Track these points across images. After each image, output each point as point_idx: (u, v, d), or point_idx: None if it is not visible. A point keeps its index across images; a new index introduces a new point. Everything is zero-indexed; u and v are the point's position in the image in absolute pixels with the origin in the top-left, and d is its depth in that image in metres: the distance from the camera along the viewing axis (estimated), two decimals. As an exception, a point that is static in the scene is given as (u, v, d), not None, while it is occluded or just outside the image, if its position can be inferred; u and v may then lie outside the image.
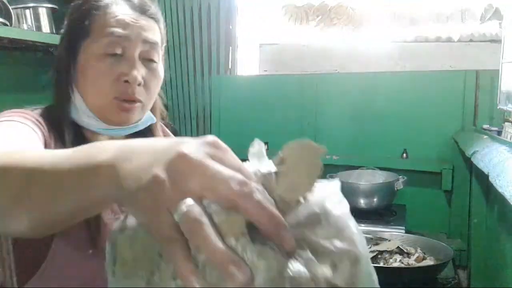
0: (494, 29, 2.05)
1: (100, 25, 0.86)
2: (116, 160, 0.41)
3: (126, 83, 0.86)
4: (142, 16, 0.89)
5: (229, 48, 2.41)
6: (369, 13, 2.23)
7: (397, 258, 1.42)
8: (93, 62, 0.86)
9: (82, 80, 0.87)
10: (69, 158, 0.47)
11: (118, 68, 0.86)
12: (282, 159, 0.43)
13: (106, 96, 0.87)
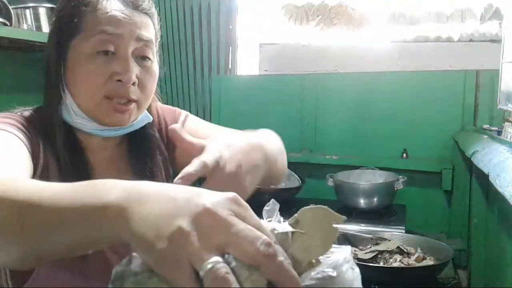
0: (494, 29, 2.05)
1: (90, 22, 0.82)
2: (126, 202, 0.41)
3: (119, 83, 0.82)
4: (135, 12, 0.85)
5: (229, 48, 2.41)
6: (369, 13, 2.23)
7: (397, 258, 1.42)
8: (84, 61, 0.82)
9: (72, 79, 0.84)
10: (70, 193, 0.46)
11: (111, 67, 0.82)
12: (298, 221, 0.47)
13: (96, 95, 0.83)
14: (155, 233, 0.38)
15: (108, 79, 0.82)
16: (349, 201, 1.89)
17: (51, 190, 0.48)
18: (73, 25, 0.82)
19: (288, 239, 0.43)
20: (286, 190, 2.04)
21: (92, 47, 0.81)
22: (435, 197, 2.02)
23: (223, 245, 0.38)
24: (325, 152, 2.16)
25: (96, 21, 0.81)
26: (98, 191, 0.44)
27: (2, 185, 0.53)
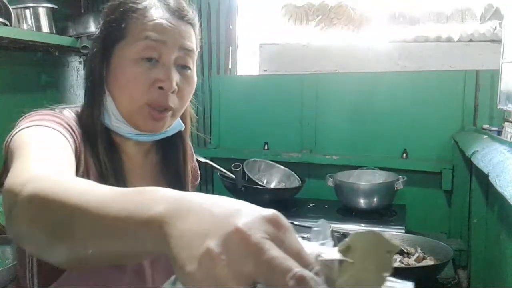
0: (494, 29, 2.05)
1: (136, 28, 0.84)
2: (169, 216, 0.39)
3: (160, 90, 0.84)
4: (180, 21, 0.86)
5: (229, 48, 2.41)
6: (369, 13, 2.23)
7: (397, 258, 1.42)
8: (128, 65, 0.84)
9: (114, 83, 0.85)
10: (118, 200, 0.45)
11: (153, 73, 0.83)
12: (349, 248, 0.40)
13: (138, 102, 0.84)
14: (188, 253, 0.36)
15: (150, 86, 0.84)
16: (349, 201, 1.89)
17: (99, 195, 0.47)
18: (120, 30, 0.84)
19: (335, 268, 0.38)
20: (286, 190, 2.04)
21: (137, 52, 0.83)
22: (435, 197, 2.02)
23: (253, 274, 0.34)
24: (325, 152, 2.16)
25: (142, 27, 0.83)
26: (146, 200, 0.42)
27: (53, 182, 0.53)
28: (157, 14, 0.84)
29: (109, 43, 0.85)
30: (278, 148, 2.23)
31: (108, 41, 0.85)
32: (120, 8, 0.85)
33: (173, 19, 0.85)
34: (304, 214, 1.91)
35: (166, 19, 0.85)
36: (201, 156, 2.00)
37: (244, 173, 1.92)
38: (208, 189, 2.47)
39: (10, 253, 1.47)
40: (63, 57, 2.31)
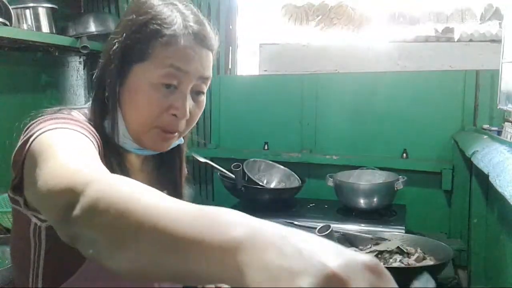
0: (494, 29, 2.05)
1: (161, 53, 0.81)
2: (247, 245, 0.37)
3: (173, 116, 0.84)
4: (203, 49, 0.85)
5: (229, 48, 2.41)
6: (369, 13, 2.23)
7: (397, 258, 1.41)
8: (145, 89, 0.82)
9: (128, 103, 0.84)
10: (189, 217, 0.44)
11: (170, 100, 0.83)
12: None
13: (150, 125, 0.84)
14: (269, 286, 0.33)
15: (164, 111, 0.84)
16: (349, 201, 1.89)
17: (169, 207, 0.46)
18: (143, 51, 0.82)
19: None
20: (286, 190, 2.04)
21: (158, 77, 0.82)
22: (435, 197, 2.02)
23: None
24: (325, 152, 2.16)
25: (168, 54, 0.82)
26: (220, 222, 0.41)
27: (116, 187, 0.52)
28: (183, 41, 0.82)
29: (128, 61, 0.83)
30: (278, 148, 2.23)
31: (128, 59, 0.83)
32: (146, 27, 0.82)
33: (197, 46, 0.84)
34: (304, 214, 1.91)
35: (191, 48, 0.83)
36: (201, 156, 2.00)
37: (244, 173, 1.92)
38: (208, 189, 2.47)
39: (10, 253, 1.47)
40: (63, 57, 2.31)
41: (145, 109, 0.83)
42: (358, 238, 1.57)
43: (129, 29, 0.83)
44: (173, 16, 0.83)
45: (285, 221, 1.82)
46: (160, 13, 0.83)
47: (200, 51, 0.84)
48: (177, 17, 0.83)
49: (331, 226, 1.37)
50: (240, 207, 2.02)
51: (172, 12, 0.83)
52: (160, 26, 0.82)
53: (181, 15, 0.84)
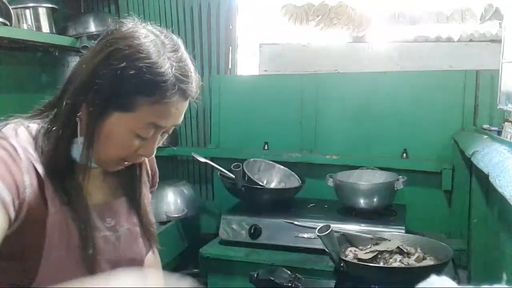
0: (494, 29, 2.05)
1: (146, 110, 0.81)
2: None
3: (140, 156, 0.89)
4: (185, 102, 0.86)
5: (229, 48, 2.40)
6: (369, 13, 2.23)
7: (397, 258, 1.42)
8: (120, 136, 0.84)
9: (100, 140, 0.84)
10: None
11: (141, 145, 0.86)
12: None
13: (116, 158, 0.88)
14: None
15: (133, 152, 0.87)
16: (349, 201, 1.89)
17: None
18: (128, 102, 0.81)
19: None
20: (286, 190, 2.04)
21: (136, 129, 0.83)
22: (435, 197, 2.02)
23: None
24: (325, 152, 2.16)
25: (152, 112, 0.82)
26: None
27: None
28: (172, 104, 0.83)
29: (111, 107, 0.82)
30: (278, 148, 2.23)
31: (110, 105, 0.82)
32: (135, 82, 0.80)
33: (180, 102, 0.84)
34: (304, 214, 1.91)
35: (175, 106, 0.83)
36: (201, 156, 2.00)
37: (244, 173, 1.92)
38: (208, 189, 2.47)
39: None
40: (63, 57, 2.31)
41: (116, 151, 0.86)
42: (358, 238, 1.57)
43: (115, 76, 0.80)
44: (166, 74, 0.80)
45: (285, 221, 1.82)
46: (151, 65, 0.80)
47: (181, 106, 0.85)
48: (168, 73, 0.81)
49: (331, 226, 1.37)
50: (240, 207, 2.02)
51: (164, 64, 0.81)
52: (150, 86, 0.80)
53: (172, 71, 0.82)
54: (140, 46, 0.80)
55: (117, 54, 0.80)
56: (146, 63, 0.79)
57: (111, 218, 0.94)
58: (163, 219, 2.10)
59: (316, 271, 1.66)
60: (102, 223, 0.92)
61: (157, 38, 0.83)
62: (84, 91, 0.83)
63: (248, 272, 1.48)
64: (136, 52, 0.80)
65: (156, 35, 0.84)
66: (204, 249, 1.87)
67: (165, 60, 0.81)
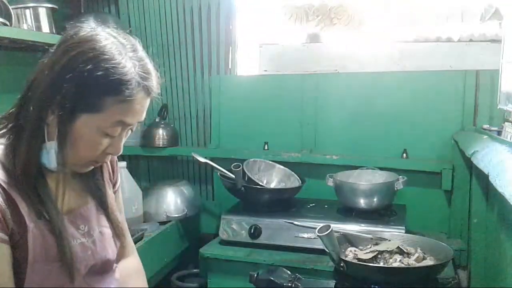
0: (494, 29, 2.05)
1: (114, 110, 0.85)
2: None
3: (108, 154, 0.93)
4: (148, 99, 0.91)
5: (229, 48, 2.40)
6: (369, 13, 2.23)
7: (397, 258, 1.42)
8: (89, 136, 0.87)
9: (69, 142, 0.86)
10: None
11: (109, 143, 0.90)
12: None
13: (85, 160, 0.92)
14: None
15: (101, 152, 0.91)
16: (349, 201, 1.89)
17: None
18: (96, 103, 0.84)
19: None
20: (286, 190, 2.04)
21: (104, 128, 0.87)
22: (435, 197, 2.02)
23: None
24: (325, 152, 2.16)
25: (120, 111, 0.86)
26: None
27: None
28: (137, 101, 0.87)
29: (79, 110, 0.84)
30: (278, 148, 2.23)
31: (78, 107, 0.84)
32: (102, 83, 0.83)
33: (144, 100, 0.89)
34: (304, 214, 1.91)
35: (140, 103, 0.88)
36: (201, 156, 2.00)
37: (244, 173, 1.92)
38: (208, 189, 2.47)
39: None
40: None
41: (86, 152, 0.90)
42: (358, 238, 1.57)
43: (83, 78, 0.82)
44: (129, 72, 0.85)
45: (285, 221, 1.82)
46: (116, 65, 0.83)
47: (145, 103, 0.90)
48: (132, 72, 0.85)
49: (331, 226, 1.37)
50: (240, 207, 2.02)
51: (127, 64, 0.85)
52: (117, 85, 0.84)
53: (135, 69, 0.86)
54: (103, 48, 0.84)
55: (81, 57, 0.83)
56: (111, 64, 0.83)
57: (84, 225, 0.98)
58: (163, 219, 2.10)
59: (316, 271, 1.66)
60: (76, 230, 0.95)
61: (116, 40, 0.88)
62: (51, 96, 0.84)
63: (248, 272, 1.48)
64: (100, 54, 0.83)
65: (114, 37, 0.88)
66: (204, 249, 1.87)
67: (127, 60, 0.86)
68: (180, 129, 2.47)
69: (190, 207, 2.18)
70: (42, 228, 0.87)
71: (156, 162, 2.51)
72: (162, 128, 2.36)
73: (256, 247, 1.84)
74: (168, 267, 2.09)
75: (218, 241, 1.92)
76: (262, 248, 1.83)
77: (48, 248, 0.88)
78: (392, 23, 2.21)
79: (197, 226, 2.34)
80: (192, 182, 2.42)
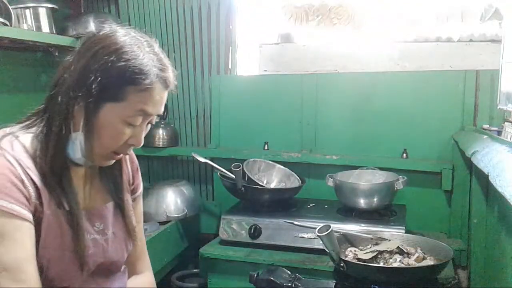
0: (494, 29, 2.05)
1: (136, 99, 0.90)
2: None
3: (131, 145, 0.97)
4: (165, 91, 0.95)
5: (229, 48, 2.41)
6: (369, 13, 2.23)
7: (397, 258, 1.42)
8: (113, 125, 0.91)
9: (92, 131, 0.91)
10: None
11: (131, 134, 0.94)
12: None
13: (107, 150, 0.95)
14: None
15: (124, 142, 0.95)
16: (349, 201, 1.88)
17: None
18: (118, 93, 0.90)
19: None
20: (286, 190, 2.04)
21: (127, 118, 0.91)
22: (435, 197, 2.02)
23: None
24: (325, 152, 2.16)
25: (141, 100, 0.91)
26: None
27: None
28: (157, 91, 0.92)
29: (103, 99, 0.90)
30: (278, 148, 2.23)
31: (102, 96, 0.89)
32: (125, 72, 0.89)
33: (163, 91, 0.94)
34: (304, 214, 1.91)
35: (160, 94, 0.93)
36: (201, 156, 2.00)
37: (244, 173, 1.92)
38: (208, 189, 2.47)
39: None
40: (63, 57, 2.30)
41: (109, 141, 0.93)
42: (358, 238, 1.57)
43: (106, 69, 0.89)
44: (148, 64, 0.91)
45: (285, 221, 1.82)
46: (136, 57, 0.90)
47: (164, 95, 0.95)
48: (151, 65, 0.91)
49: (331, 226, 1.37)
50: (240, 207, 2.02)
51: (145, 56, 0.91)
52: (137, 75, 0.89)
53: (153, 62, 0.92)
54: (123, 42, 0.91)
55: (104, 50, 0.90)
56: (131, 56, 0.89)
57: (100, 222, 1.02)
58: (163, 219, 2.10)
59: (316, 271, 1.66)
60: (92, 226, 1.00)
61: (134, 36, 0.94)
62: (78, 88, 0.90)
63: (248, 272, 1.48)
64: (121, 47, 0.90)
65: (132, 33, 0.94)
66: (204, 249, 1.87)
67: (145, 53, 0.92)
68: (180, 129, 2.48)
69: (190, 207, 2.18)
70: (60, 217, 0.92)
71: (156, 162, 2.51)
72: (162, 128, 2.36)
73: (256, 247, 1.84)
74: (168, 267, 2.09)
75: (218, 241, 1.92)
76: (262, 248, 1.83)
77: (62, 237, 0.92)
78: (392, 23, 2.21)
79: (197, 226, 2.34)
80: (192, 182, 2.42)
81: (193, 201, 2.23)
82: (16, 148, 0.90)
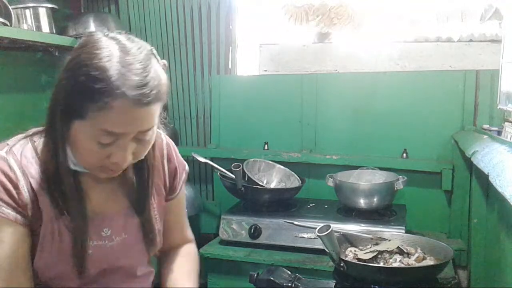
0: (494, 29, 2.05)
1: (96, 117, 0.80)
2: None
3: (114, 163, 0.87)
4: (142, 109, 0.82)
5: (229, 48, 2.41)
6: (369, 13, 2.23)
7: (397, 258, 1.41)
8: (84, 143, 0.85)
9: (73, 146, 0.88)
10: None
11: (109, 151, 0.85)
12: None
13: (93, 166, 0.89)
14: None
15: (105, 159, 0.87)
16: (349, 201, 1.89)
17: None
18: (80, 109, 0.81)
19: None
20: (286, 190, 2.04)
21: (93, 137, 0.83)
22: (435, 197, 2.02)
23: None
24: (325, 152, 2.16)
25: (101, 119, 0.81)
26: None
27: None
28: (122, 110, 0.80)
29: (70, 116, 0.84)
30: (278, 148, 2.23)
31: (69, 114, 0.84)
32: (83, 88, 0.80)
33: (135, 110, 0.81)
34: (304, 214, 1.91)
35: (132, 114, 0.81)
36: (201, 156, 2.00)
37: (244, 173, 1.92)
38: (208, 189, 2.47)
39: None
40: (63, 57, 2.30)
41: (87, 158, 0.87)
42: (358, 238, 1.57)
43: (70, 84, 0.82)
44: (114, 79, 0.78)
45: (285, 221, 1.82)
46: (100, 71, 0.78)
47: (138, 113, 0.82)
48: (119, 81, 0.78)
49: (331, 226, 1.37)
50: (240, 207, 2.02)
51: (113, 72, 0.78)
52: (94, 90, 0.78)
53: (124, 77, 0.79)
54: (94, 54, 0.80)
55: (69, 63, 0.84)
56: (95, 70, 0.79)
57: (108, 228, 0.98)
58: (163, 219, 2.09)
59: (316, 271, 1.66)
60: (98, 232, 0.96)
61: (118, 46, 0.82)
62: (55, 101, 0.87)
63: (248, 272, 1.48)
64: (89, 59, 0.80)
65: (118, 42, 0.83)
66: (204, 249, 1.87)
67: (118, 67, 0.79)
68: (180, 129, 2.47)
69: (190, 207, 2.18)
70: (58, 223, 0.91)
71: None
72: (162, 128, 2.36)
73: (256, 247, 1.84)
74: (168, 267, 2.09)
75: (218, 241, 1.92)
76: (262, 248, 1.83)
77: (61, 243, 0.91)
78: (392, 23, 2.21)
79: (197, 226, 2.34)
80: (192, 182, 2.42)
81: (193, 201, 2.23)
82: (26, 152, 0.90)
